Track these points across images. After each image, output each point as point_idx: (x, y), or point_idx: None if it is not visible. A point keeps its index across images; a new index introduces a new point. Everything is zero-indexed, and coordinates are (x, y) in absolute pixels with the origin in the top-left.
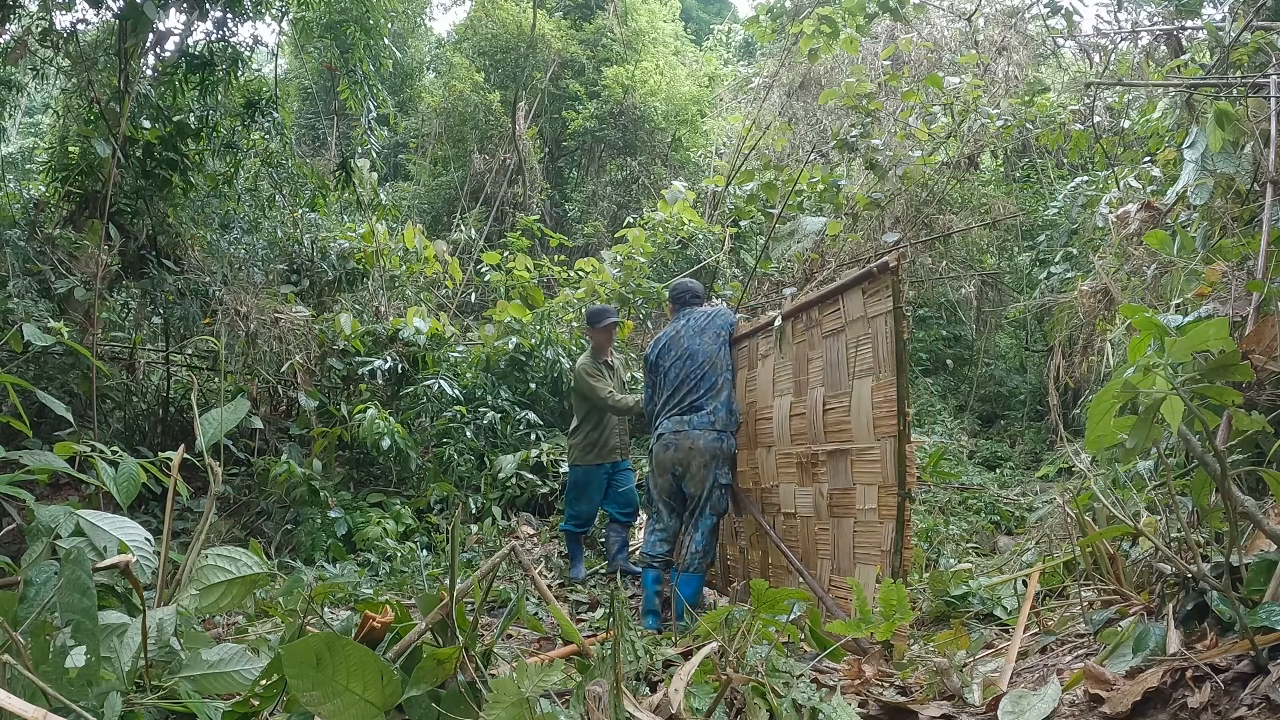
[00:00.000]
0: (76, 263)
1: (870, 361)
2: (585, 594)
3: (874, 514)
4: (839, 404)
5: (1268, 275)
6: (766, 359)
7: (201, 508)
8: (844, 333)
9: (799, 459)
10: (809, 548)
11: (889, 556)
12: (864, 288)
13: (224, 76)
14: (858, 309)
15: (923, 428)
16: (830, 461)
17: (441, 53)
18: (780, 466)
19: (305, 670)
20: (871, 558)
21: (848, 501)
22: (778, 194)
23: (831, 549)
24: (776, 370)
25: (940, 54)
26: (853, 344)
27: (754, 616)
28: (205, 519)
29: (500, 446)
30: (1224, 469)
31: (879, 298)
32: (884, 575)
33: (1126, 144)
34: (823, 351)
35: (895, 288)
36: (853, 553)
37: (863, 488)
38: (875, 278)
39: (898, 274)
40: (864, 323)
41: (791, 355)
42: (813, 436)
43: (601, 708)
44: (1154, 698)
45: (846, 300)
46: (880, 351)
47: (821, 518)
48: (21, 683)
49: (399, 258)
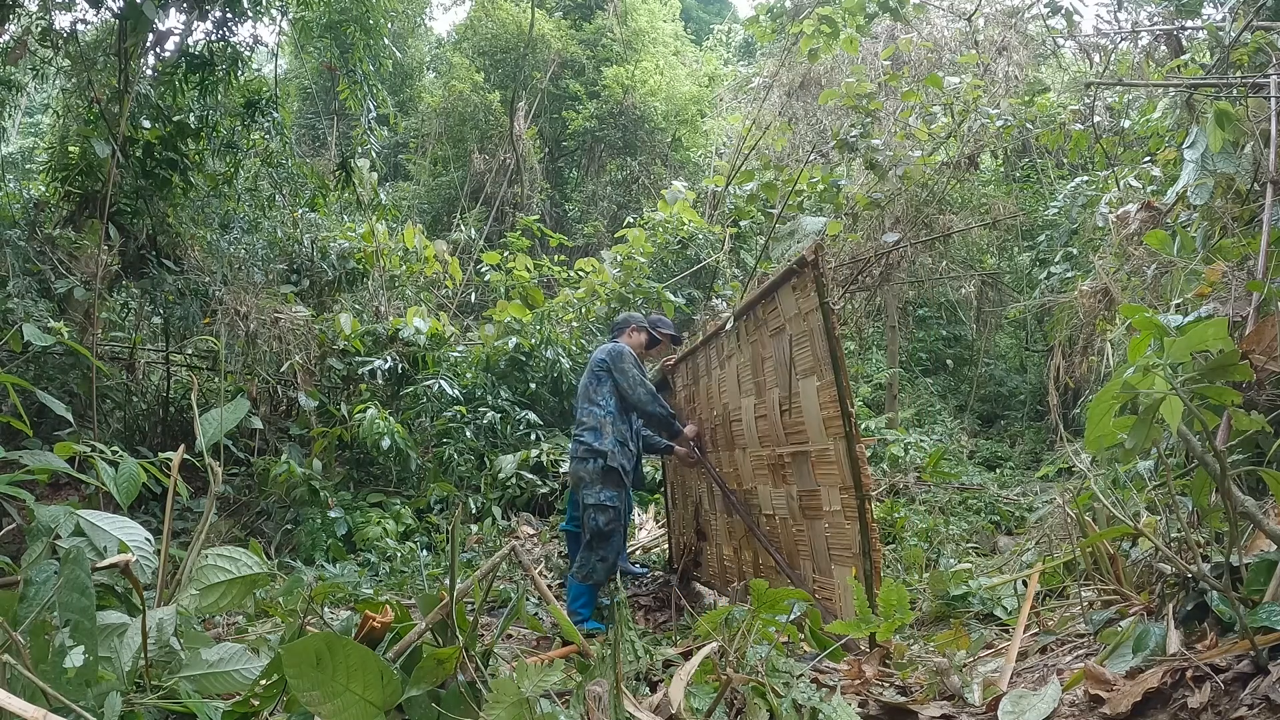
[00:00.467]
0: (76, 263)
1: (809, 361)
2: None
3: (840, 515)
4: (794, 404)
5: (1268, 275)
6: (730, 359)
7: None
8: (785, 331)
9: (769, 460)
10: (791, 548)
11: (859, 559)
12: (793, 284)
13: (224, 76)
14: (791, 306)
15: (923, 427)
16: (794, 463)
17: (441, 53)
18: (755, 468)
19: (305, 670)
20: (844, 559)
21: (816, 503)
22: (778, 194)
23: (809, 549)
24: (739, 371)
25: (940, 54)
26: (794, 342)
27: (754, 616)
28: (205, 519)
29: (500, 446)
30: (1224, 469)
31: (806, 294)
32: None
33: (1126, 144)
34: (773, 351)
35: (819, 282)
36: (828, 553)
37: (826, 489)
38: (799, 273)
39: (819, 268)
40: (800, 319)
41: (749, 355)
42: (776, 438)
43: (601, 708)
44: (1154, 698)
45: (780, 298)
46: (817, 349)
47: (796, 519)
48: (21, 682)
49: (399, 258)
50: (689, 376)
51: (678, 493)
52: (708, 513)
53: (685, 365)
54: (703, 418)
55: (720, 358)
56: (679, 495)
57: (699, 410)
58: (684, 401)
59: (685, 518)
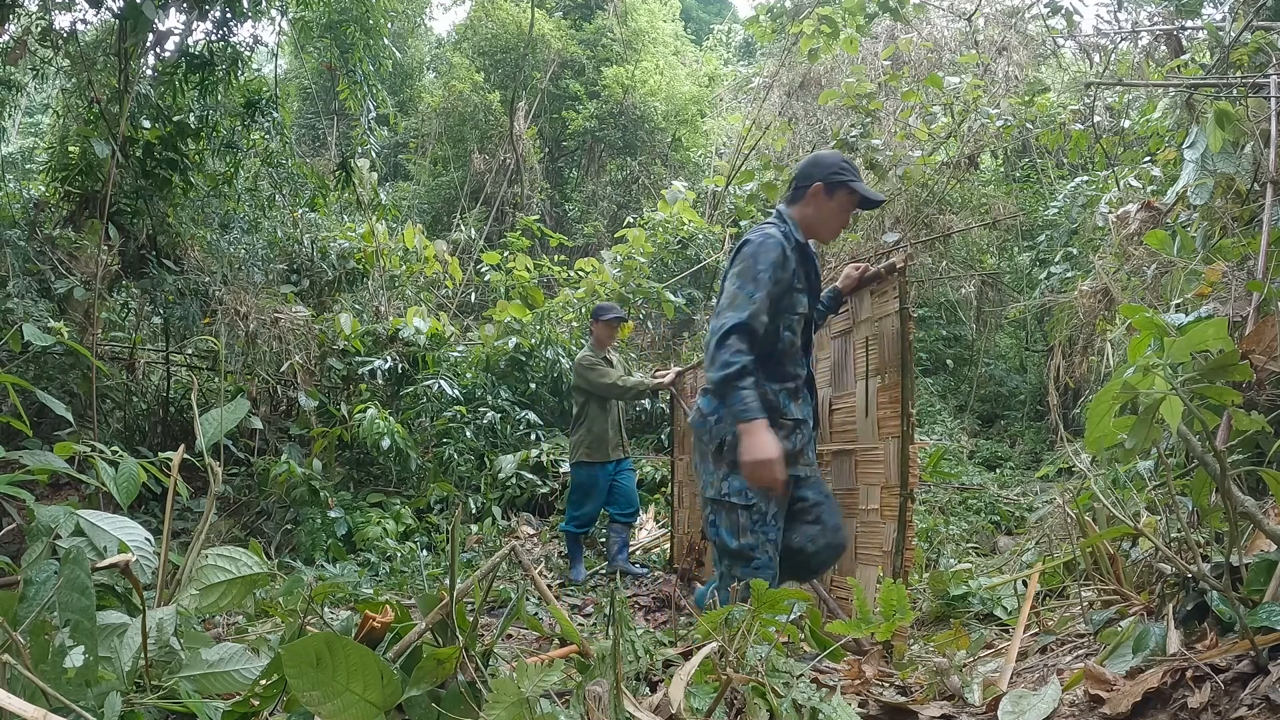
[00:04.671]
0: (76, 263)
1: (876, 362)
2: (580, 597)
3: (876, 514)
4: (844, 404)
5: (1268, 275)
6: None
7: (201, 508)
8: (852, 334)
9: None
10: None
11: (890, 557)
12: (871, 289)
13: (224, 76)
14: (867, 310)
15: (923, 428)
16: (835, 462)
17: (441, 53)
18: None
19: (305, 670)
20: (873, 558)
21: (850, 502)
22: (777, 194)
23: None
24: None
25: (940, 54)
26: (859, 345)
27: (754, 616)
28: (205, 519)
29: (500, 446)
30: (1224, 469)
31: (886, 299)
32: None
33: (1126, 144)
34: (830, 352)
35: (903, 289)
36: (854, 553)
37: (865, 488)
38: (883, 279)
39: (905, 276)
40: (872, 323)
41: None
42: (818, 437)
43: (601, 708)
44: (1154, 698)
45: (857, 301)
46: (886, 353)
47: None
48: (21, 682)
49: (399, 258)
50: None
51: (685, 491)
52: None
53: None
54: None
55: None
56: (686, 494)
57: None
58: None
59: (692, 517)
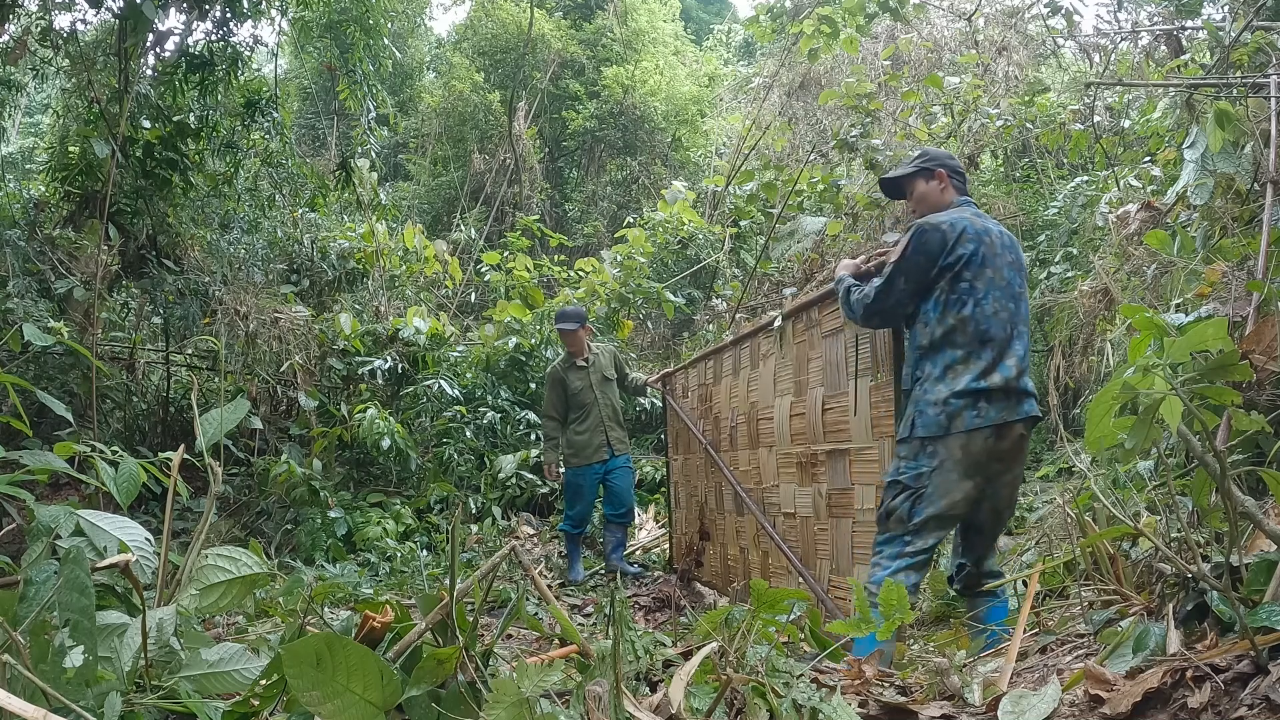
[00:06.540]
0: (76, 263)
1: (869, 361)
2: (580, 597)
3: (871, 514)
4: (838, 404)
5: (1268, 275)
6: (768, 359)
7: (201, 508)
8: (843, 332)
9: (799, 459)
10: (808, 548)
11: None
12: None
13: (224, 76)
14: None
15: None
16: (829, 461)
17: (441, 53)
18: (780, 466)
19: (305, 670)
20: (869, 558)
21: (846, 501)
22: (778, 194)
23: (830, 549)
24: (777, 370)
25: (940, 54)
26: (851, 344)
27: (754, 616)
28: (205, 519)
29: (500, 446)
30: (1224, 469)
31: None
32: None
33: (1126, 144)
34: (822, 351)
35: None
36: (851, 553)
37: (860, 487)
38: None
39: None
40: None
41: (792, 355)
42: (812, 436)
43: (601, 708)
44: (1154, 698)
45: None
46: (878, 351)
47: (820, 518)
48: (21, 682)
49: (399, 258)
50: (706, 376)
51: (681, 491)
52: (714, 512)
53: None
54: (720, 416)
55: (754, 357)
56: (683, 494)
57: (715, 409)
58: (698, 401)
59: (689, 517)
